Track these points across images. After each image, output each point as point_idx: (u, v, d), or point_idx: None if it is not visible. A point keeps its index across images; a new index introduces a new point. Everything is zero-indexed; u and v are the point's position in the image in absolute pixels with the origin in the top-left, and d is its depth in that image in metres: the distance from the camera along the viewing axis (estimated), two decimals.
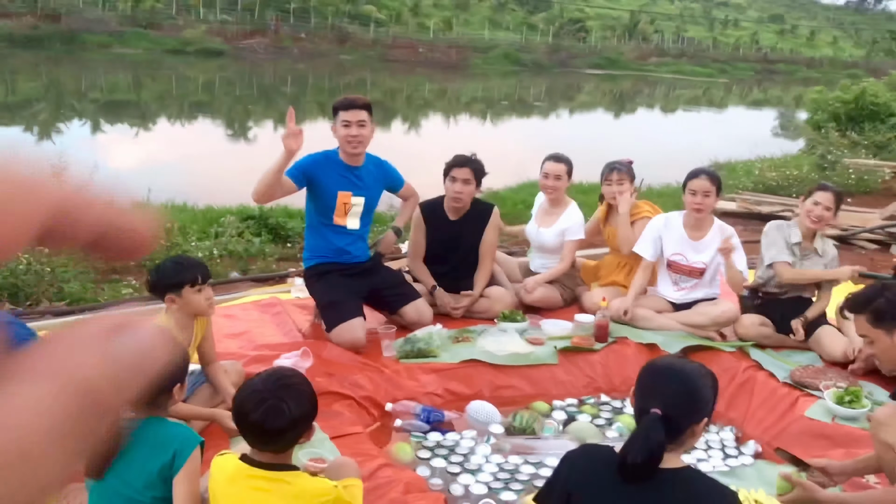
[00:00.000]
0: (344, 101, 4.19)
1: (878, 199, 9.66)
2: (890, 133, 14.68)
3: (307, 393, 2.16)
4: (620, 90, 39.90)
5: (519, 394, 4.00)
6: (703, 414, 1.99)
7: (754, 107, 36.23)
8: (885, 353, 2.67)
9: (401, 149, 13.35)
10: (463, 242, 4.72)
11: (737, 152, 14.74)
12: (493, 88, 35.88)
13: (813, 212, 4.34)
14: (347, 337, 4.00)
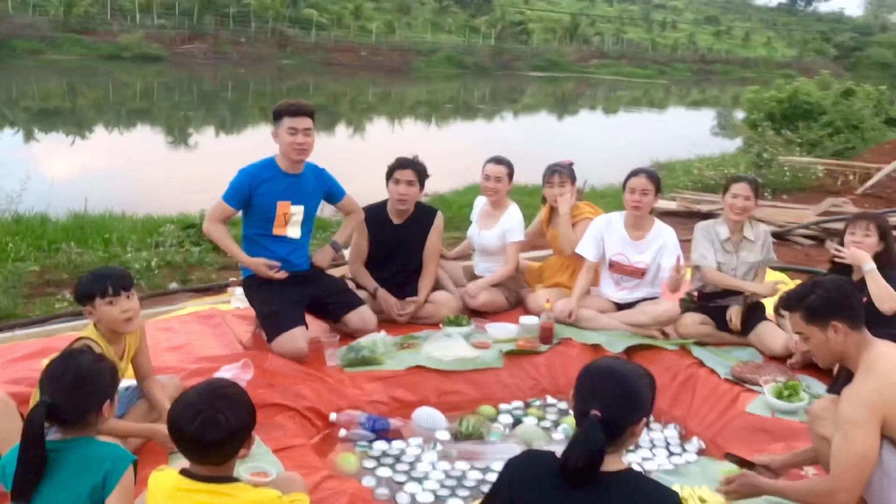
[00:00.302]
0: (291, 107, 4.09)
1: (812, 196, 9.93)
2: (822, 131, 15.15)
3: (243, 403, 2.10)
4: (563, 92, 40.35)
5: (465, 399, 3.98)
6: (641, 413, 2.00)
7: (693, 107, 37.00)
8: (819, 349, 2.71)
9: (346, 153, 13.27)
10: (407, 247, 4.68)
11: (677, 152, 15.03)
12: (437, 91, 35.93)
13: (735, 205, 4.43)
14: (289, 347, 3.92)
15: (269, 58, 39.50)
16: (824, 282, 2.72)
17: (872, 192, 9.96)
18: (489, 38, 52.38)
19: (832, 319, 2.61)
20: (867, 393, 2.50)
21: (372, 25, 48.27)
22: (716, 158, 13.49)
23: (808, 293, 2.68)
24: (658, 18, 78.85)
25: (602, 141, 19.18)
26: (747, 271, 4.54)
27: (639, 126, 26.17)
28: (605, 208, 5.32)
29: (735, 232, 4.52)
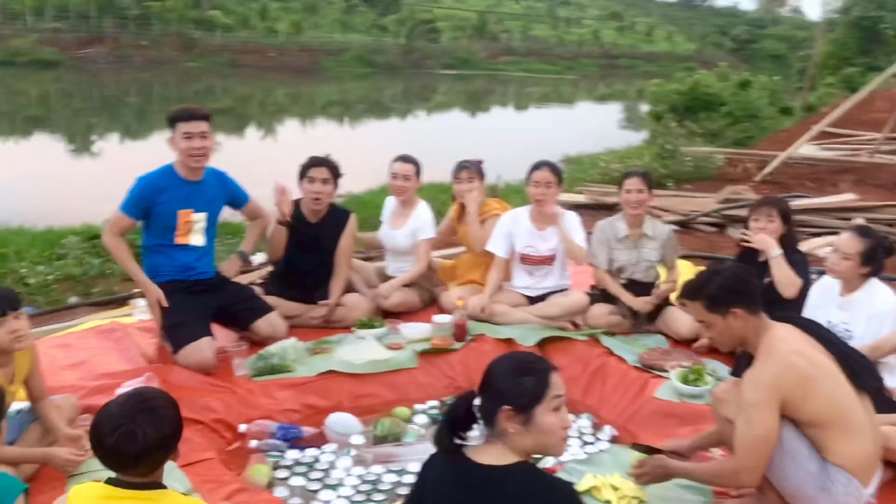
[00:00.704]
0: (184, 112, 3.97)
1: (714, 185, 10.26)
2: (722, 121, 15.73)
3: (167, 416, 2.04)
4: (474, 89, 40.66)
5: (380, 401, 3.94)
6: (503, 400, 1.98)
7: (601, 101, 37.85)
8: (721, 336, 2.78)
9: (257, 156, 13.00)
10: (320, 247, 4.60)
11: (586, 146, 15.32)
12: (349, 91, 35.68)
13: (629, 199, 4.54)
14: (195, 358, 3.80)
15: (174, 60, 38.42)
16: (723, 270, 2.79)
17: (770, 179, 10.36)
18: (398, 36, 52.34)
19: (732, 307, 2.68)
20: (766, 376, 2.58)
21: (279, 26, 47.53)
22: (622, 151, 13.82)
23: (708, 282, 2.75)
24: (563, 15, 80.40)
25: (514, 137, 19.37)
26: (648, 268, 4.65)
27: (549, 121, 26.62)
28: (519, 204, 5.37)
29: (634, 227, 4.62)
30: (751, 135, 15.51)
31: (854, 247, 3.66)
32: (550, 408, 1.96)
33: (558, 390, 1.98)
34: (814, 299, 4.02)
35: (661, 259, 4.64)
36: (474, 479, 1.94)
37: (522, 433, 1.96)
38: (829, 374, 2.60)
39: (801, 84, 24.85)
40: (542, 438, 1.95)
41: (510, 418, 1.96)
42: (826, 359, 2.64)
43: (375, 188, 10.09)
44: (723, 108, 16.27)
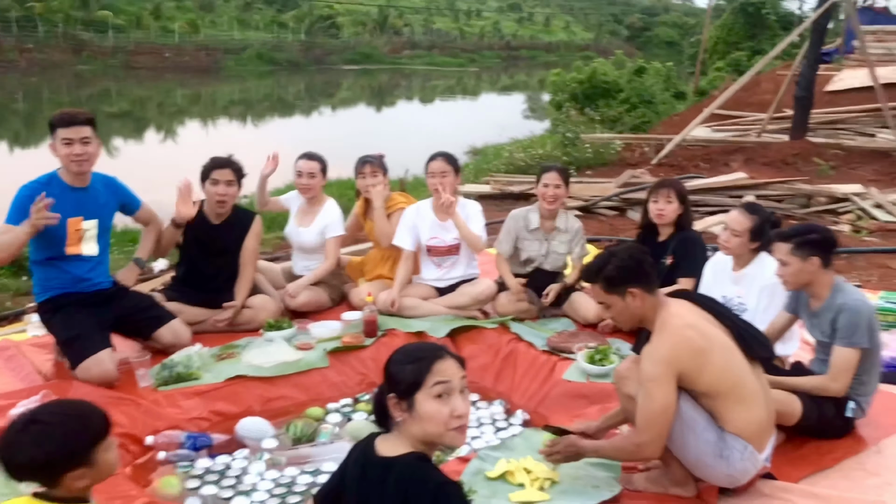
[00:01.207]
0: (62, 118, 3.79)
1: (613, 170, 10.56)
2: (620, 107, 16.16)
3: (52, 434, 1.93)
4: (379, 84, 40.50)
5: (291, 403, 3.89)
6: (389, 388, 2.03)
7: (504, 92, 38.30)
8: (620, 315, 2.87)
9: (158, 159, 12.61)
10: (224, 249, 4.50)
11: (491, 137, 15.50)
12: (251, 90, 34.96)
13: (546, 193, 4.62)
14: (96, 372, 3.66)
15: (64, 64, 36.76)
16: (618, 252, 2.87)
17: (666, 162, 10.73)
18: (298, 33, 51.57)
19: (629, 286, 2.76)
20: (662, 350, 2.67)
21: (174, 25, 46.07)
22: (524, 141, 14.04)
23: (605, 264, 2.83)
24: (463, 7, 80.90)
25: (421, 130, 19.41)
26: (556, 261, 4.75)
27: (455, 114, 26.78)
28: (427, 196, 5.38)
29: (548, 219, 4.71)
30: (647, 120, 16.00)
31: (743, 224, 3.83)
32: (432, 394, 1.94)
33: (442, 377, 1.95)
34: (708, 275, 4.20)
35: (568, 252, 4.75)
36: (372, 469, 1.97)
37: (409, 421, 1.97)
38: (722, 345, 2.72)
39: (692, 69, 25.75)
40: (427, 426, 1.94)
41: (395, 406, 1.98)
42: (719, 331, 2.75)
43: (282, 187, 9.93)
44: (620, 95, 16.73)
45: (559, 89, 17.83)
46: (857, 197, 8.30)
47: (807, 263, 3.23)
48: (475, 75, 46.38)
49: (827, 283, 3.28)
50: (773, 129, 12.41)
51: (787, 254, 3.27)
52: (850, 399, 3.23)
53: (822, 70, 14.15)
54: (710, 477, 2.81)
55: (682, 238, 4.38)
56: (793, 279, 3.30)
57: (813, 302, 3.36)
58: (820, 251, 3.23)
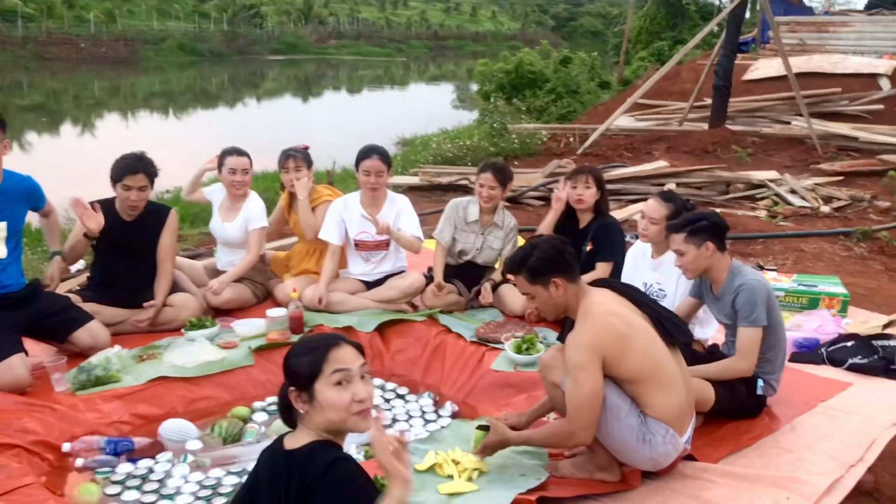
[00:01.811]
0: None
1: (539, 160, 10.67)
2: (546, 97, 16.34)
3: None
4: (305, 74, 39.96)
5: (216, 403, 3.81)
6: (288, 382, 2.07)
7: (433, 82, 38.29)
8: (545, 305, 2.91)
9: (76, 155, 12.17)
10: (139, 247, 4.35)
11: (420, 127, 15.48)
12: (172, 81, 34.07)
13: (481, 193, 4.65)
14: (6, 378, 3.50)
15: None
16: (540, 243, 2.91)
17: (591, 151, 10.90)
18: (221, 23, 50.42)
19: (552, 276, 2.81)
20: (586, 337, 2.72)
21: (89, 15, 44.42)
22: (452, 132, 14.07)
23: (528, 256, 2.86)
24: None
25: (349, 121, 19.25)
26: (489, 255, 4.77)
27: (383, 104, 26.65)
28: (355, 189, 5.32)
29: (486, 213, 4.72)
30: (573, 109, 16.22)
31: (659, 212, 3.92)
32: (331, 382, 1.98)
33: (340, 364, 1.99)
34: (630, 263, 4.29)
35: (502, 248, 4.76)
36: (279, 463, 1.98)
37: (312, 412, 1.99)
38: (643, 332, 2.78)
39: (617, 59, 26.22)
40: (329, 414, 1.97)
41: (297, 399, 2.01)
42: (640, 318, 2.82)
43: (205, 181, 9.71)
44: (546, 85, 16.91)
45: (486, 79, 17.92)
46: (773, 183, 8.60)
47: (702, 249, 3.34)
48: (403, 65, 46.22)
49: (724, 267, 3.40)
50: (694, 117, 12.74)
51: (682, 243, 3.38)
52: (759, 377, 3.35)
53: (740, 59, 14.59)
54: (633, 461, 2.87)
55: (601, 224, 4.49)
56: (691, 266, 3.41)
57: (714, 287, 3.48)
58: (712, 236, 3.35)
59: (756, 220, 7.43)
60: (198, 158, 10.23)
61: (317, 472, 1.85)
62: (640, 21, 31.31)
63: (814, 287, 4.89)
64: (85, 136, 19.03)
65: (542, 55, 20.08)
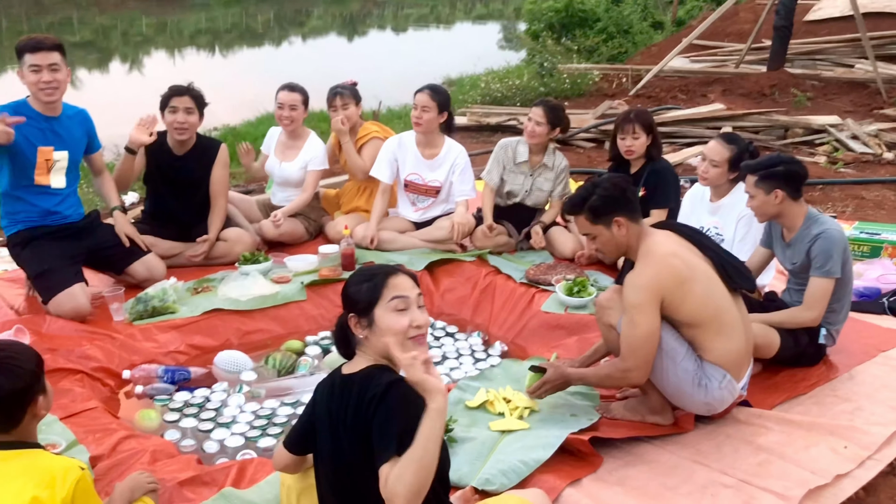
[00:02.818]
0: (30, 43, 3.64)
1: (590, 101, 10.44)
2: (597, 37, 15.91)
3: (15, 368, 1.89)
4: (350, 13, 39.47)
5: (269, 336, 3.88)
6: (348, 309, 2.07)
7: (479, 21, 37.53)
8: (606, 245, 2.86)
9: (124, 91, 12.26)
10: (191, 180, 4.40)
11: (467, 67, 15.21)
12: (218, 19, 33.92)
13: (526, 127, 4.55)
14: (68, 306, 3.60)
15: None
16: (602, 182, 2.84)
17: (643, 93, 10.61)
18: None
19: (614, 216, 2.76)
20: (646, 277, 2.68)
21: None
22: (501, 71, 13.80)
23: (590, 195, 2.80)
24: None
25: (394, 61, 19.01)
26: (539, 197, 4.68)
27: (429, 43, 26.25)
28: (401, 129, 5.28)
29: (535, 153, 4.63)
30: (624, 50, 15.77)
31: (721, 153, 3.81)
32: (390, 308, 1.99)
33: (399, 291, 2.00)
34: (686, 206, 4.20)
35: (551, 190, 4.67)
36: (338, 387, 2.01)
37: (371, 337, 2.00)
38: (705, 275, 2.72)
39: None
40: (387, 338, 1.98)
41: (356, 325, 2.02)
42: (702, 262, 2.76)
43: (252, 119, 9.74)
44: (597, 25, 16.44)
45: (535, 18, 17.48)
46: (834, 128, 8.30)
47: (771, 196, 3.24)
48: (449, 3, 45.34)
49: (799, 214, 3.30)
50: (751, 59, 12.30)
51: (752, 186, 3.29)
52: (822, 327, 3.28)
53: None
54: (687, 405, 2.85)
55: (654, 169, 4.33)
56: (759, 212, 3.33)
57: (786, 233, 3.38)
58: (784, 183, 3.24)
59: (815, 167, 7.20)
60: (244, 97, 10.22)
61: (375, 393, 1.86)
62: None
63: (876, 235, 4.74)
64: (133, 74, 19.14)
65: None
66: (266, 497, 2.42)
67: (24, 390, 1.89)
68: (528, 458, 2.63)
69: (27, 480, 1.84)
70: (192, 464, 2.70)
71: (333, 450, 1.99)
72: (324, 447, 2.04)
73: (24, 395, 1.89)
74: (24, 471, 1.86)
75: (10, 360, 1.89)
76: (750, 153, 3.80)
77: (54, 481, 1.85)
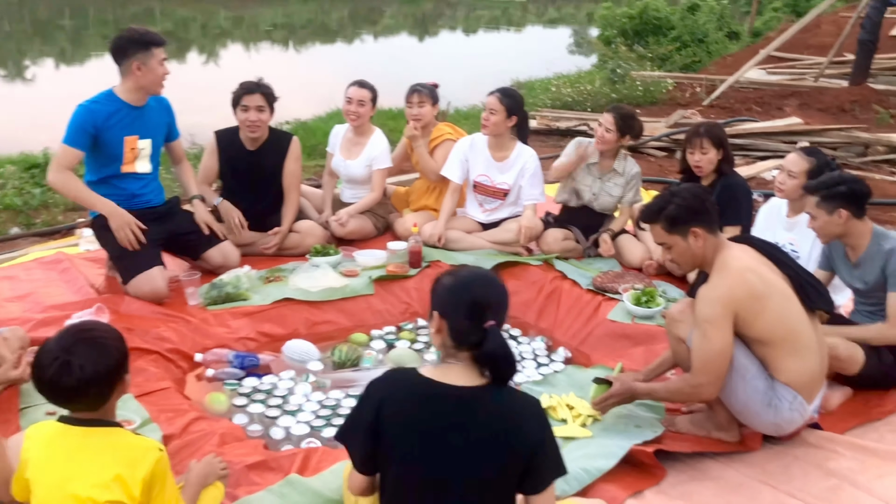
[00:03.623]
0: (158, 38, 3.84)
1: (663, 109, 10.30)
2: (671, 45, 15.69)
3: (107, 347, 1.96)
4: (423, 12, 39.71)
5: (336, 328, 3.94)
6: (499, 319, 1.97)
7: (550, 25, 37.34)
8: (682, 256, 2.81)
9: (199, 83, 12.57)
10: (264, 174, 4.50)
11: (536, 71, 15.16)
12: (294, 14, 34.51)
13: (597, 131, 4.51)
14: (147, 288, 3.73)
15: None
16: (680, 191, 2.80)
17: (718, 103, 10.42)
18: None
19: (692, 226, 2.71)
20: (720, 291, 2.63)
21: None
22: (572, 76, 13.71)
23: (667, 204, 2.77)
24: None
25: (464, 61, 19.06)
26: (607, 202, 4.63)
27: (499, 45, 26.21)
28: (468, 129, 5.31)
29: (606, 158, 4.60)
30: (698, 59, 15.52)
31: (800, 165, 3.73)
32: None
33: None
34: (761, 221, 4.12)
35: (621, 195, 4.62)
36: (450, 401, 1.89)
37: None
38: (781, 293, 2.67)
39: (747, 9, 24.84)
40: None
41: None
42: (779, 278, 2.70)
43: (322, 114, 9.88)
44: (672, 33, 16.23)
45: (608, 24, 17.33)
46: None
47: (834, 216, 3.17)
48: (521, 6, 45.20)
49: (863, 233, 3.22)
50: (832, 73, 11.97)
51: (814, 207, 3.21)
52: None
53: (889, 13, 13.53)
54: (755, 424, 2.79)
55: (726, 184, 4.19)
56: (822, 232, 3.26)
57: (850, 253, 3.30)
58: (848, 203, 3.15)
59: (890, 185, 6.98)
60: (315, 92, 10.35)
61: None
62: None
63: None
64: (209, 66, 19.60)
65: (669, 1, 19.22)
66: (330, 486, 2.46)
67: (116, 369, 1.96)
68: (591, 466, 2.62)
69: (111, 458, 1.91)
70: (260, 448, 2.77)
71: (437, 463, 1.87)
72: (416, 461, 1.89)
73: (114, 374, 1.96)
74: (108, 448, 1.94)
75: (103, 339, 1.96)
76: (830, 168, 3.71)
77: (136, 461, 1.92)
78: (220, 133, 4.53)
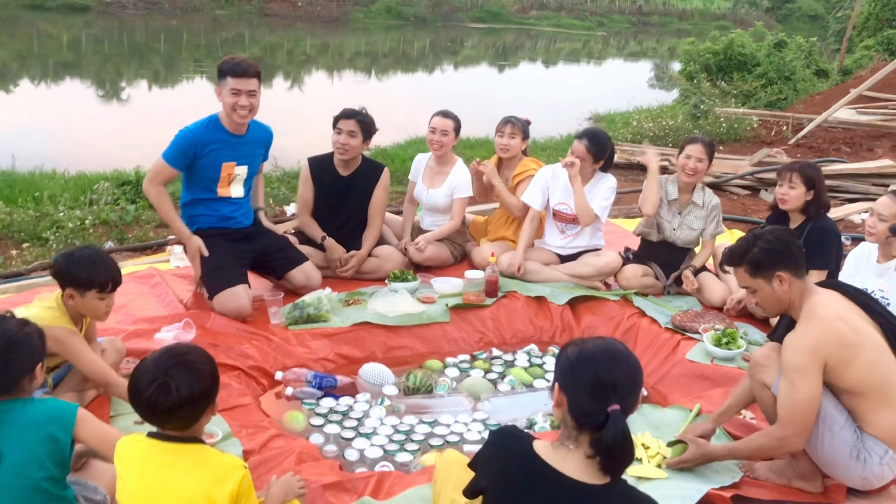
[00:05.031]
0: (235, 67, 3.89)
1: (747, 147, 10.11)
2: (756, 82, 15.40)
3: (202, 371, 2.05)
4: (503, 43, 40.04)
5: (412, 353, 3.99)
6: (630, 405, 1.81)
7: (631, 59, 37.15)
8: (767, 300, 2.75)
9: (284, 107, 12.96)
10: (352, 199, 4.62)
11: (616, 104, 15.10)
12: (377, 43, 35.30)
13: (686, 165, 4.45)
14: (232, 305, 3.85)
15: (203, 8, 38.11)
16: (764, 234, 2.75)
17: (804, 143, 10.17)
18: None
19: (776, 270, 2.65)
20: (809, 339, 2.55)
21: None
22: (654, 110, 13.60)
23: (751, 247, 2.71)
24: None
25: (543, 93, 19.12)
26: (688, 235, 4.58)
27: (578, 78, 26.23)
28: (545, 161, 5.33)
29: (685, 192, 4.56)
30: (784, 97, 15.17)
31: (891, 209, 3.62)
32: None
33: None
34: (850, 266, 4.00)
35: (702, 228, 4.56)
36: (564, 499, 1.77)
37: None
38: (873, 341, 2.58)
39: (837, 46, 24.23)
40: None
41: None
42: (870, 327, 2.62)
43: (402, 142, 10.05)
44: (757, 69, 15.93)
45: (691, 59, 17.13)
46: None
47: None
48: (602, 39, 45.11)
49: None
50: None
51: None
52: None
53: None
54: (841, 477, 2.70)
55: (816, 226, 4.07)
56: None
57: None
58: None
59: None
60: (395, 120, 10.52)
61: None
62: (869, 6, 28.60)
63: None
64: (294, 91, 20.18)
65: (754, 37, 18.88)
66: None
67: (208, 392, 2.05)
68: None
69: (202, 474, 1.99)
70: (335, 469, 2.82)
71: None
72: None
73: (207, 397, 2.05)
74: (196, 465, 2.01)
75: (198, 364, 2.05)
76: None
77: (223, 477, 2.00)
78: (312, 160, 4.69)
